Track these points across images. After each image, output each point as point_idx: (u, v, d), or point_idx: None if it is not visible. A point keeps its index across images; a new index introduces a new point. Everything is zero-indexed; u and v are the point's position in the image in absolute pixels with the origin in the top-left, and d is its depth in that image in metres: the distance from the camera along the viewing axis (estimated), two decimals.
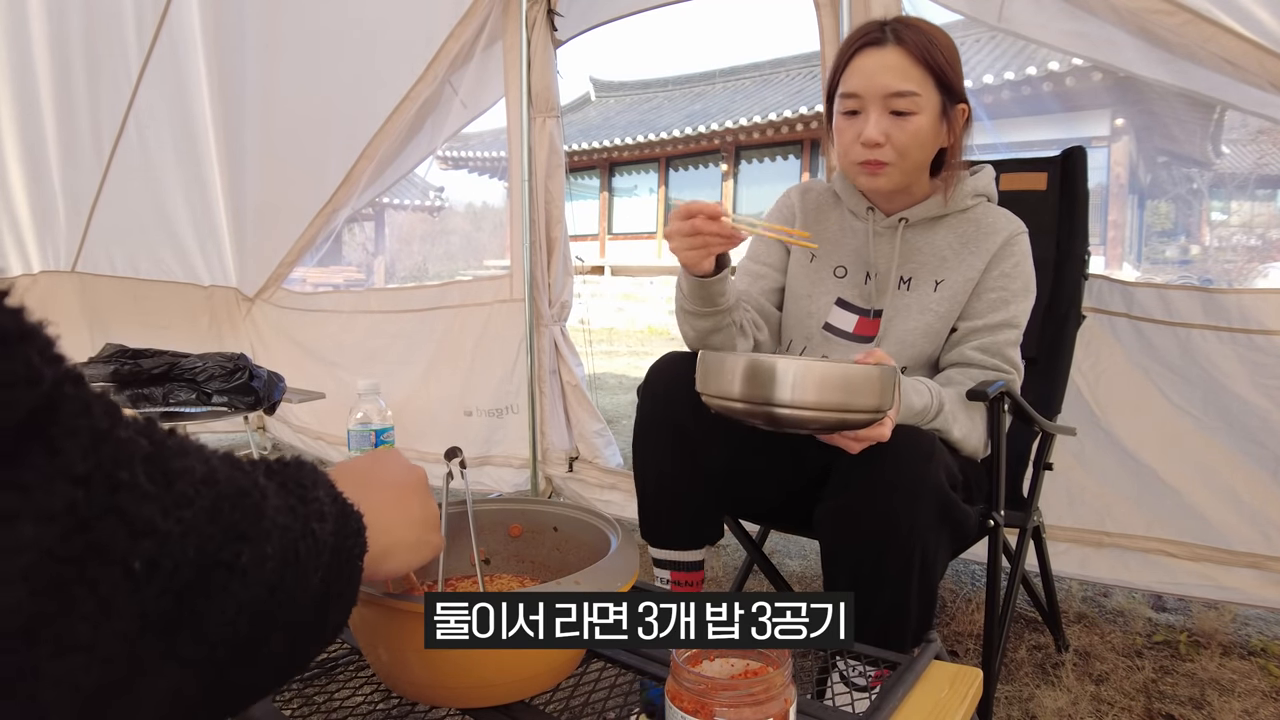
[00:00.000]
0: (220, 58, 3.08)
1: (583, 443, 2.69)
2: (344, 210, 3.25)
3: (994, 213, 1.27)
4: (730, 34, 35.19)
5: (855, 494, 1.01)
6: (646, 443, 1.23)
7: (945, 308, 1.24)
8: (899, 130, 1.16)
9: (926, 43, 1.15)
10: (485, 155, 10.87)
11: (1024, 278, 1.24)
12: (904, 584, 0.98)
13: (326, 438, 3.31)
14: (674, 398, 1.18)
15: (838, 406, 0.86)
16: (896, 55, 1.15)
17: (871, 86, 1.16)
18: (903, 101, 1.15)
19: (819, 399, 0.85)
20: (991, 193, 1.30)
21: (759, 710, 0.58)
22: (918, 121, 1.16)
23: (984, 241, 1.24)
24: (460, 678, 0.72)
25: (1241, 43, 1.54)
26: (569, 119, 15.87)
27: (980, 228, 1.25)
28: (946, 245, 1.26)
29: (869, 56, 1.17)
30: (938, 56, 1.15)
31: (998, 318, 1.22)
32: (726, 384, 0.90)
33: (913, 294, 1.26)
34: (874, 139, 1.16)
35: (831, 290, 1.32)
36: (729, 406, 0.91)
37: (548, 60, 2.56)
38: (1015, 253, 1.24)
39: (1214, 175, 7.03)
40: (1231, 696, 1.51)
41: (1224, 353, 1.72)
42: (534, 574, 1.00)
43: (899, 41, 1.15)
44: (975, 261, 1.24)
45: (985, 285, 1.24)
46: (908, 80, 1.14)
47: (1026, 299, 1.24)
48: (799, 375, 0.84)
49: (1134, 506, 1.86)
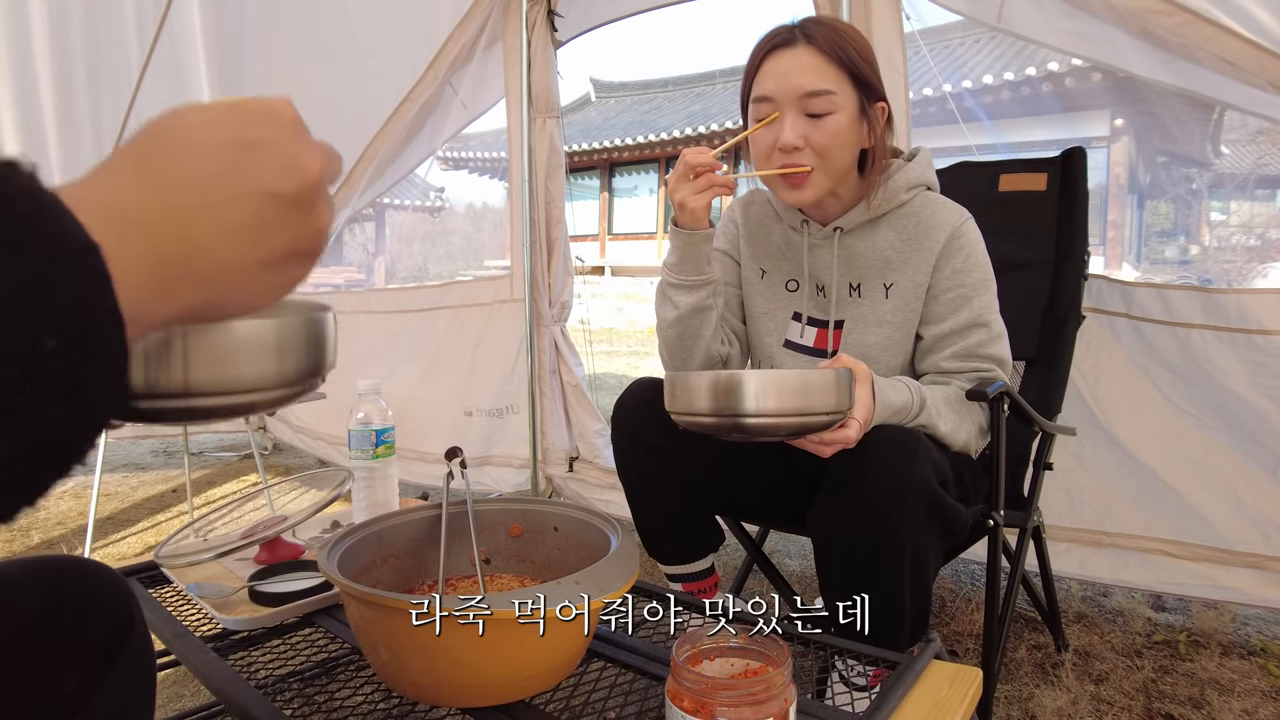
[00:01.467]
0: (220, 58, 3.08)
1: (583, 443, 2.69)
2: (344, 210, 3.25)
3: (933, 204, 1.20)
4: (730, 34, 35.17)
5: (843, 494, 1.01)
6: (627, 472, 1.26)
7: (901, 317, 1.20)
8: (817, 132, 1.10)
9: (838, 40, 1.10)
10: (485, 155, 10.87)
11: (979, 269, 1.18)
12: (896, 582, 0.98)
13: (327, 438, 3.31)
14: (643, 423, 1.20)
15: (797, 411, 0.89)
16: (809, 54, 1.10)
17: (785, 88, 1.10)
18: (819, 101, 1.09)
19: (779, 405, 0.88)
20: (929, 180, 1.23)
21: (759, 710, 0.58)
22: (836, 121, 1.10)
23: (926, 239, 1.18)
24: (460, 678, 0.72)
25: (1241, 43, 1.54)
26: (569, 119, 15.87)
27: (920, 223, 1.19)
28: (888, 246, 1.20)
29: (780, 58, 1.11)
30: (851, 53, 1.10)
31: (963, 318, 1.17)
32: (694, 401, 0.92)
33: (865, 301, 1.22)
34: (791, 143, 1.10)
35: (786, 305, 1.29)
36: (699, 422, 0.94)
37: (548, 61, 2.56)
38: (964, 245, 1.17)
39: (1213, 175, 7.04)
40: (1231, 696, 1.51)
41: (1223, 353, 1.72)
42: (534, 574, 1.00)
43: (809, 40, 1.10)
44: (921, 263, 1.18)
45: (939, 286, 1.18)
46: (822, 79, 1.09)
47: (988, 291, 1.18)
48: (760, 385, 0.88)
49: (1134, 506, 1.86)
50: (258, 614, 0.96)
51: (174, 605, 1.05)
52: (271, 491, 1.63)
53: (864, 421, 1.00)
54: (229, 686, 0.77)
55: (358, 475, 1.20)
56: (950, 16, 1.95)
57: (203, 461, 3.51)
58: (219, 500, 2.87)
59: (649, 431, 1.20)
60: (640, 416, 1.20)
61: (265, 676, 0.84)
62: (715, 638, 0.64)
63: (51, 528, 2.61)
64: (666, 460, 1.20)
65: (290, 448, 3.61)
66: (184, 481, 2.84)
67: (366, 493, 1.20)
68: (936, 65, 2.17)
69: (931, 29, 2.05)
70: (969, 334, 1.17)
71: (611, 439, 1.26)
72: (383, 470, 1.21)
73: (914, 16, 1.98)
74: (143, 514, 2.78)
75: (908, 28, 1.97)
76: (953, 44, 7.65)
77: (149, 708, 0.61)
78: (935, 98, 2.38)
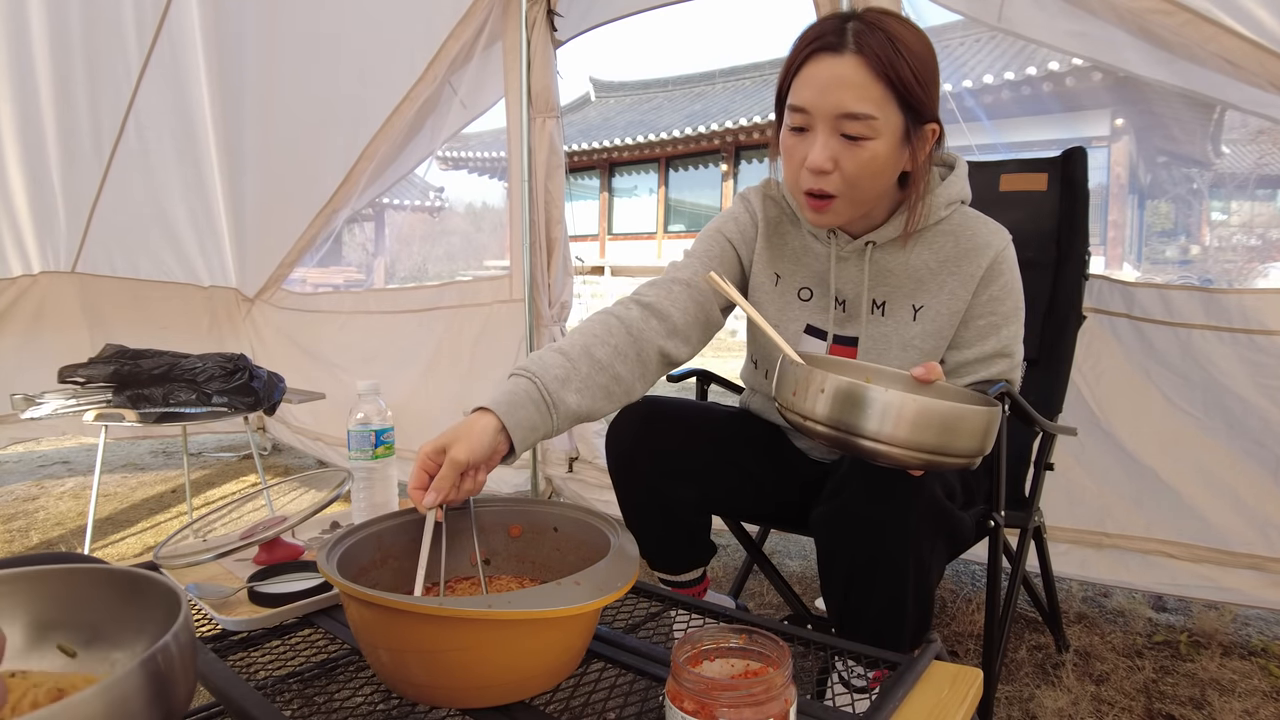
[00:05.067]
0: (220, 58, 3.08)
1: (583, 443, 2.69)
2: (344, 211, 3.25)
3: (973, 223, 1.12)
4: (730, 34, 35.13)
5: (849, 500, 0.99)
6: (622, 496, 1.26)
7: (931, 344, 1.12)
8: (849, 158, 1.00)
9: (892, 54, 0.96)
10: (485, 155, 10.85)
11: (1013, 297, 1.11)
12: (900, 588, 0.98)
13: (326, 439, 3.31)
14: (632, 450, 1.21)
15: (934, 449, 0.78)
16: (854, 67, 0.96)
17: (822, 104, 0.98)
18: (855, 125, 0.98)
19: (911, 438, 0.77)
20: (966, 194, 1.14)
21: (759, 710, 0.58)
22: (872, 149, 0.99)
23: (967, 263, 1.10)
24: (460, 679, 0.72)
25: (1241, 43, 1.54)
26: (569, 119, 15.89)
27: (960, 243, 1.10)
28: (922, 265, 1.12)
29: (822, 65, 0.98)
30: (904, 71, 0.97)
31: (989, 347, 1.11)
32: (811, 403, 0.82)
33: (889, 320, 1.14)
34: (819, 165, 1.00)
35: (799, 316, 1.21)
36: (809, 427, 0.84)
37: (547, 60, 2.56)
38: (1004, 271, 1.10)
39: (1214, 175, 7.03)
40: (1232, 696, 1.51)
41: (1224, 353, 1.72)
42: (534, 574, 1.00)
43: (860, 50, 0.96)
44: (959, 288, 1.10)
45: (972, 312, 1.11)
46: (864, 101, 0.97)
47: (1017, 320, 1.12)
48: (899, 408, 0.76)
49: (1134, 507, 1.86)
50: (257, 615, 0.95)
51: None
52: (271, 492, 1.63)
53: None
54: (228, 687, 0.77)
55: (357, 476, 1.20)
56: (950, 16, 1.95)
57: (202, 462, 3.51)
58: (218, 501, 2.87)
59: (639, 462, 1.21)
60: (626, 443, 1.21)
61: (265, 677, 0.84)
62: (715, 638, 0.64)
63: (51, 528, 2.61)
64: (656, 491, 1.22)
65: (289, 448, 3.61)
66: (183, 482, 2.84)
67: (366, 493, 1.20)
68: None
69: (931, 29, 2.02)
70: (992, 364, 1.12)
71: (607, 461, 1.26)
72: (382, 471, 1.21)
73: (914, 16, 1.98)
74: (142, 514, 2.78)
75: None
76: (953, 44, 7.64)
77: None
78: None
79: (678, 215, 14.62)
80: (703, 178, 14.32)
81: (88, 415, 2.09)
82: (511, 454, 0.93)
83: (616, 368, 1.04)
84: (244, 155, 3.27)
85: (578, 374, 0.99)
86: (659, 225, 14.69)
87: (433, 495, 0.87)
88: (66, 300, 3.21)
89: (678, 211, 14.62)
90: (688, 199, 14.52)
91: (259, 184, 3.31)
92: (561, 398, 0.96)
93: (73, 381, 2.14)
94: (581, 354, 1.02)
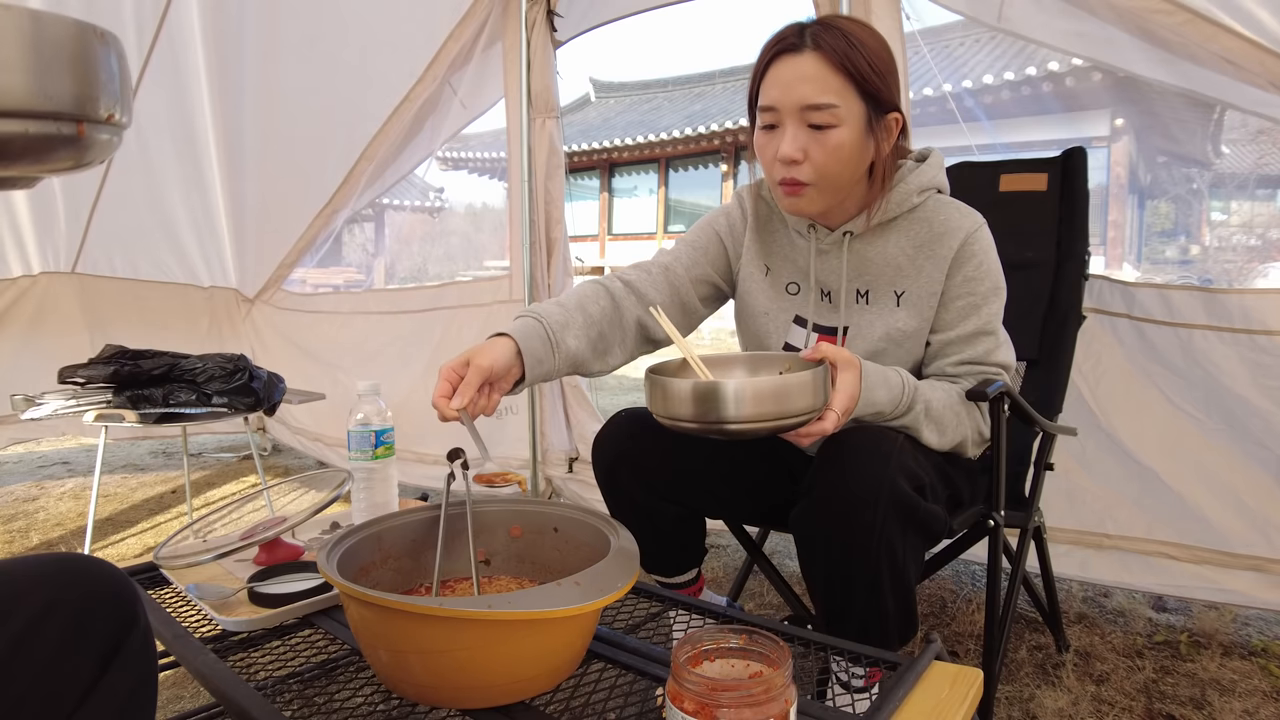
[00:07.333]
0: (220, 58, 3.08)
1: (583, 443, 2.69)
2: (344, 211, 3.25)
3: (946, 208, 1.17)
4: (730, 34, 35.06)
5: (817, 499, 1.01)
6: (609, 506, 1.28)
7: (914, 325, 1.17)
8: (817, 146, 1.06)
9: (847, 48, 1.04)
10: (485, 156, 10.83)
11: (991, 277, 1.15)
12: (874, 583, 0.98)
13: (325, 439, 3.31)
14: (617, 462, 1.23)
15: (775, 415, 0.93)
16: (814, 63, 1.04)
17: (787, 99, 1.06)
18: (820, 115, 1.04)
19: (756, 411, 0.92)
20: (941, 183, 1.19)
21: (759, 711, 0.58)
22: (838, 136, 1.05)
23: (939, 246, 1.15)
24: (460, 679, 0.72)
25: (1241, 42, 1.54)
26: (569, 119, 15.88)
27: (933, 228, 1.15)
28: (900, 252, 1.17)
29: (784, 65, 1.06)
30: (860, 62, 1.04)
31: (970, 326, 1.15)
32: (677, 407, 0.95)
33: (874, 308, 1.18)
34: (789, 155, 1.06)
35: (788, 308, 1.25)
36: (682, 426, 0.96)
37: (547, 61, 2.56)
38: (976, 252, 1.14)
39: (1214, 175, 7.02)
40: (1232, 697, 1.51)
41: (1225, 353, 1.72)
42: (534, 575, 1.00)
43: (817, 47, 1.04)
44: (934, 270, 1.15)
45: (950, 293, 1.15)
46: (825, 91, 1.04)
47: (997, 299, 1.16)
48: (739, 393, 0.91)
49: (1135, 508, 1.86)
50: (257, 615, 0.95)
51: (173, 606, 1.05)
52: (271, 493, 1.63)
53: (843, 411, 0.98)
54: (229, 688, 0.77)
55: (357, 476, 1.20)
56: (950, 16, 1.95)
57: (202, 463, 3.51)
58: (218, 501, 2.87)
59: (621, 477, 1.23)
60: (610, 458, 1.24)
61: (265, 678, 0.84)
62: (716, 639, 0.64)
63: (51, 528, 2.61)
64: (640, 505, 1.23)
65: (289, 449, 3.61)
66: (183, 482, 2.84)
67: (366, 494, 1.20)
68: (936, 65, 2.16)
69: (931, 29, 2.05)
70: (976, 342, 1.15)
71: (594, 471, 1.27)
72: (382, 471, 1.21)
73: (914, 16, 1.98)
74: (142, 515, 2.78)
75: (908, 28, 1.97)
76: (953, 44, 7.64)
77: (150, 705, 0.61)
78: (935, 98, 2.38)
79: (678, 215, 14.62)
80: (703, 178, 14.32)
81: (88, 416, 2.09)
82: (521, 383, 1.04)
83: (603, 326, 1.14)
84: (244, 155, 3.26)
85: (575, 322, 1.10)
86: (659, 225, 14.69)
87: (459, 398, 0.95)
88: (66, 301, 3.21)
89: (678, 212, 14.62)
90: (688, 199, 14.52)
91: (259, 184, 3.31)
92: (563, 339, 1.07)
93: (73, 382, 2.14)
94: (576, 307, 1.13)
